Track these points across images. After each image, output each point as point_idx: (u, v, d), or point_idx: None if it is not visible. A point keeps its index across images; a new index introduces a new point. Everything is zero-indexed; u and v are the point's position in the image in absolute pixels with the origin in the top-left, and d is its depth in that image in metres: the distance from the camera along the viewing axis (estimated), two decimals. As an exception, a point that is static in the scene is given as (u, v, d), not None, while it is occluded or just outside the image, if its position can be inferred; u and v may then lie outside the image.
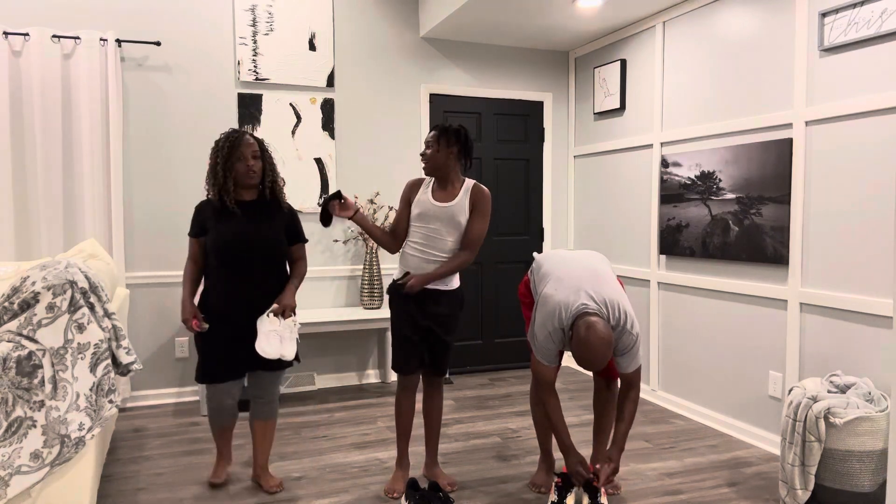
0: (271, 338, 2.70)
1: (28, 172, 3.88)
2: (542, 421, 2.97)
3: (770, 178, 3.38)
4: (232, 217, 2.79)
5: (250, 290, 2.79)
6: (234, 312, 2.78)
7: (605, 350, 2.42)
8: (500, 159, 5.09)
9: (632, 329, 2.56)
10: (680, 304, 4.08)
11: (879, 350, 2.90)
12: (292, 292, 2.83)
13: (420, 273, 2.80)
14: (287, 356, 2.75)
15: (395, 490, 2.89)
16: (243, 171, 2.78)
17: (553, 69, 5.20)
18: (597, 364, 2.45)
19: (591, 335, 2.42)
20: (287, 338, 2.74)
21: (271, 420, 2.95)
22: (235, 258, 2.77)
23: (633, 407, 2.66)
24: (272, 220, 2.84)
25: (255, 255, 2.78)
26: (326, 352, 4.68)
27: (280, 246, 2.84)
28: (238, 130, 2.82)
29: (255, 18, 4.38)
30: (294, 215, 2.94)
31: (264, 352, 2.68)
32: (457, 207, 2.81)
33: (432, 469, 3.03)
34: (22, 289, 2.26)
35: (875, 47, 2.89)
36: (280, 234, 2.85)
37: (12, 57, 3.84)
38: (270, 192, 2.88)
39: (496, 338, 5.15)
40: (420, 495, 2.72)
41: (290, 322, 2.77)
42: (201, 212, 2.85)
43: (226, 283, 2.79)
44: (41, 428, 2.22)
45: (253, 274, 2.80)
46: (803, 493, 2.64)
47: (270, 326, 2.71)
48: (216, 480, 2.99)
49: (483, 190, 2.84)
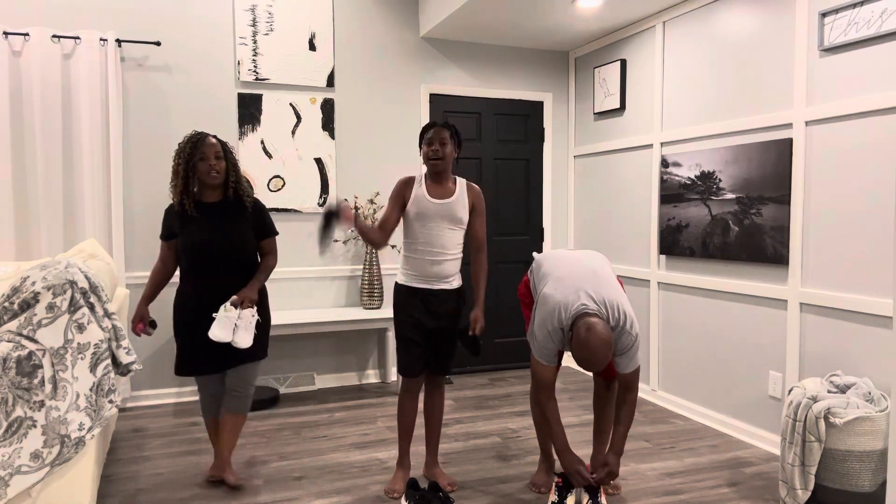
0: (223, 324, 2.76)
1: (28, 172, 3.88)
2: (542, 421, 2.97)
3: (770, 178, 3.38)
4: (196, 221, 2.85)
5: (218, 290, 2.87)
6: (203, 310, 2.85)
7: (605, 351, 2.42)
8: (500, 159, 5.09)
9: (631, 329, 2.56)
10: (680, 304, 4.08)
11: (879, 350, 2.90)
12: (254, 286, 2.89)
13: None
14: (240, 344, 2.79)
15: (395, 490, 2.89)
16: (205, 171, 2.81)
17: (553, 69, 5.20)
18: (597, 365, 2.45)
19: (591, 336, 2.41)
20: (242, 327, 2.80)
21: (241, 415, 2.97)
22: (201, 261, 2.85)
23: (631, 409, 2.66)
24: (236, 222, 2.90)
25: (220, 257, 2.86)
26: (326, 352, 4.68)
27: (244, 247, 2.91)
28: (201, 132, 2.86)
29: (255, 18, 4.38)
30: (261, 211, 2.97)
31: (216, 336, 2.74)
32: (456, 203, 2.82)
33: (433, 469, 3.04)
34: (22, 289, 2.26)
35: (875, 47, 2.89)
36: (244, 236, 2.91)
37: (12, 57, 3.84)
38: (234, 193, 2.92)
39: (496, 338, 5.15)
40: (420, 495, 2.73)
41: (247, 313, 2.83)
42: (169, 215, 2.91)
43: (195, 283, 2.87)
44: (41, 428, 2.22)
45: (220, 274, 2.87)
46: (803, 493, 2.64)
47: (224, 314, 2.78)
48: (213, 478, 3.01)
49: (478, 188, 2.92)
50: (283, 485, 3.01)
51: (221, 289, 2.87)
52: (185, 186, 2.82)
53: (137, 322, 2.88)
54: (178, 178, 2.82)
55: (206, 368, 2.90)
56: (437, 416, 3.00)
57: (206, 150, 2.80)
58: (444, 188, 2.84)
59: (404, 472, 2.96)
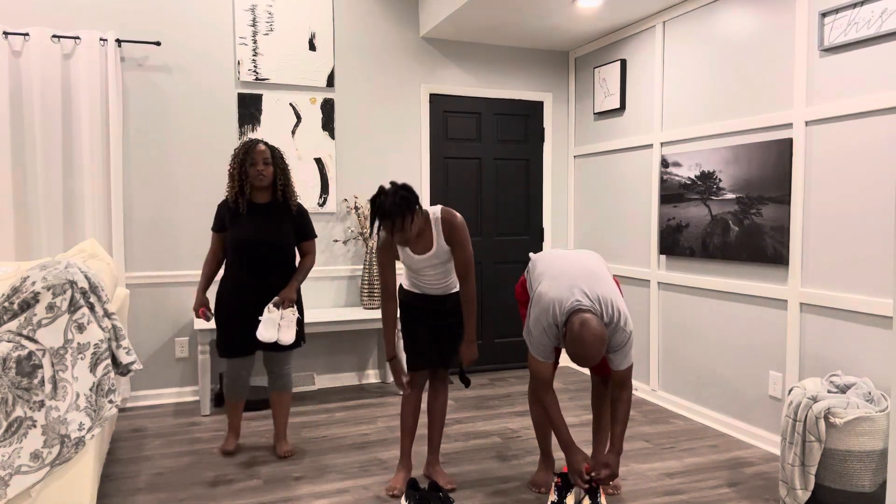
0: (269, 325, 3.12)
1: (28, 172, 3.88)
2: (541, 421, 2.99)
3: (770, 178, 3.38)
4: (243, 219, 3.20)
5: (258, 283, 3.23)
6: (243, 300, 3.22)
7: (599, 346, 2.44)
8: (500, 159, 5.09)
9: (625, 327, 2.57)
10: (680, 304, 4.08)
11: (879, 350, 2.90)
12: (293, 286, 3.24)
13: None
14: (284, 341, 3.15)
15: (396, 488, 2.91)
16: (253, 175, 3.16)
17: (553, 69, 5.20)
18: (590, 360, 2.46)
19: (585, 331, 2.43)
20: (284, 326, 3.15)
21: (286, 392, 3.38)
22: (245, 256, 3.20)
23: (627, 408, 2.68)
24: (280, 223, 3.24)
25: (262, 253, 3.20)
26: (326, 352, 4.68)
27: (284, 246, 3.25)
28: (254, 140, 3.21)
29: (255, 18, 4.38)
30: (303, 215, 3.31)
31: (262, 337, 3.09)
32: (438, 250, 2.81)
33: (433, 467, 3.05)
34: (22, 289, 2.26)
35: (875, 47, 2.89)
36: (286, 236, 3.25)
37: (12, 57, 3.84)
38: (282, 195, 3.26)
39: (496, 338, 5.15)
40: (420, 495, 2.73)
41: (288, 312, 3.18)
42: (221, 209, 3.27)
43: (237, 275, 3.23)
44: (41, 428, 2.22)
45: (260, 269, 3.22)
46: (803, 493, 2.64)
47: (269, 315, 3.13)
48: (227, 449, 3.37)
49: (452, 220, 2.78)
50: (283, 485, 3.01)
51: (261, 281, 3.22)
52: (239, 188, 3.18)
53: (199, 307, 3.27)
54: (233, 181, 3.19)
55: (242, 352, 3.27)
56: (440, 413, 3.02)
57: (255, 156, 3.15)
58: (424, 240, 2.81)
59: (406, 471, 2.98)
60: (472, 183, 5.02)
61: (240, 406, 3.42)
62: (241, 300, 3.22)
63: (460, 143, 4.97)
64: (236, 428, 3.42)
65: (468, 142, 4.99)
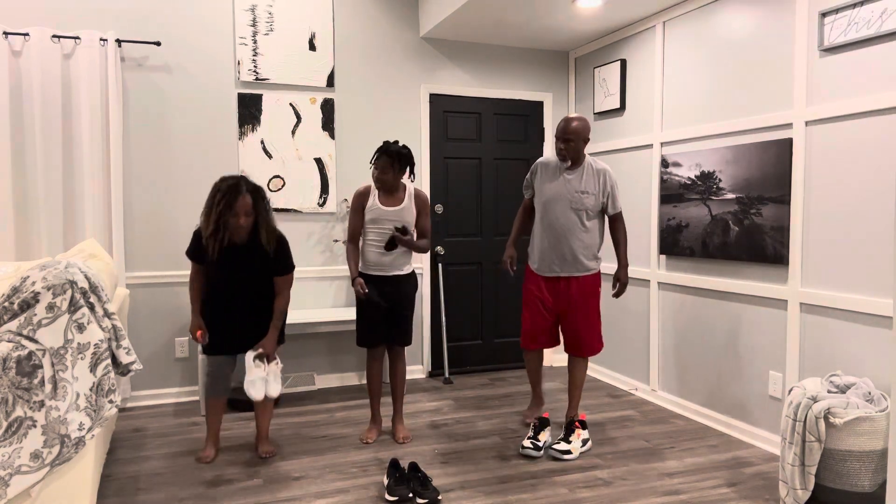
0: (257, 385, 3.16)
1: (28, 172, 3.88)
2: (533, 368, 3.80)
3: (770, 178, 3.38)
4: (218, 259, 3.15)
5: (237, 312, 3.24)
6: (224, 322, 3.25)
7: (579, 123, 3.47)
8: (500, 159, 5.09)
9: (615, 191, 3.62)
10: (680, 304, 4.08)
11: (879, 350, 2.90)
12: (273, 337, 3.23)
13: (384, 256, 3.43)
14: (272, 395, 3.21)
15: (368, 438, 3.53)
16: (233, 226, 3.07)
17: (553, 69, 5.20)
18: (570, 131, 3.46)
19: (570, 116, 3.50)
20: (271, 380, 3.21)
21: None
22: (222, 292, 3.22)
23: (624, 235, 3.65)
24: (255, 263, 3.19)
25: (238, 292, 3.21)
26: (326, 352, 4.68)
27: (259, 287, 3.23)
28: (237, 184, 3.04)
29: (255, 18, 4.38)
30: (279, 249, 3.22)
31: (252, 395, 3.16)
32: (404, 211, 3.42)
33: (396, 425, 3.61)
34: (22, 289, 2.26)
35: (875, 47, 2.89)
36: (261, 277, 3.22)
37: (12, 57, 3.84)
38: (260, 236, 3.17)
39: (496, 338, 5.15)
40: (400, 474, 2.92)
41: (273, 366, 3.23)
42: (198, 239, 3.19)
43: (216, 303, 3.25)
44: (41, 428, 2.22)
45: (238, 302, 3.23)
46: (803, 493, 2.64)
47: (257, 373, 3.17)
48: (206, 457, 3.27)
49: (423, 194, 3.50)
50: (283, 485, 3.02)
51: (238, 310, 3.23)
52: (213, 231, 3.07)
53: (196, 330, 3.21)
54: (207, 221, 3.07)
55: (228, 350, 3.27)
56: (400, 381, 3.60)
57: (238, 208, 3.03)
58: (394, 197, 3.44)
59: (376, 426, 3.61)
60: (472, 183, 5.02)
61: (220, 406, 3.32)
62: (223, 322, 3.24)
63: (460, 143, 4.97)
64: (215, 433, 3.32)
65: (468, 142, 4.99)
